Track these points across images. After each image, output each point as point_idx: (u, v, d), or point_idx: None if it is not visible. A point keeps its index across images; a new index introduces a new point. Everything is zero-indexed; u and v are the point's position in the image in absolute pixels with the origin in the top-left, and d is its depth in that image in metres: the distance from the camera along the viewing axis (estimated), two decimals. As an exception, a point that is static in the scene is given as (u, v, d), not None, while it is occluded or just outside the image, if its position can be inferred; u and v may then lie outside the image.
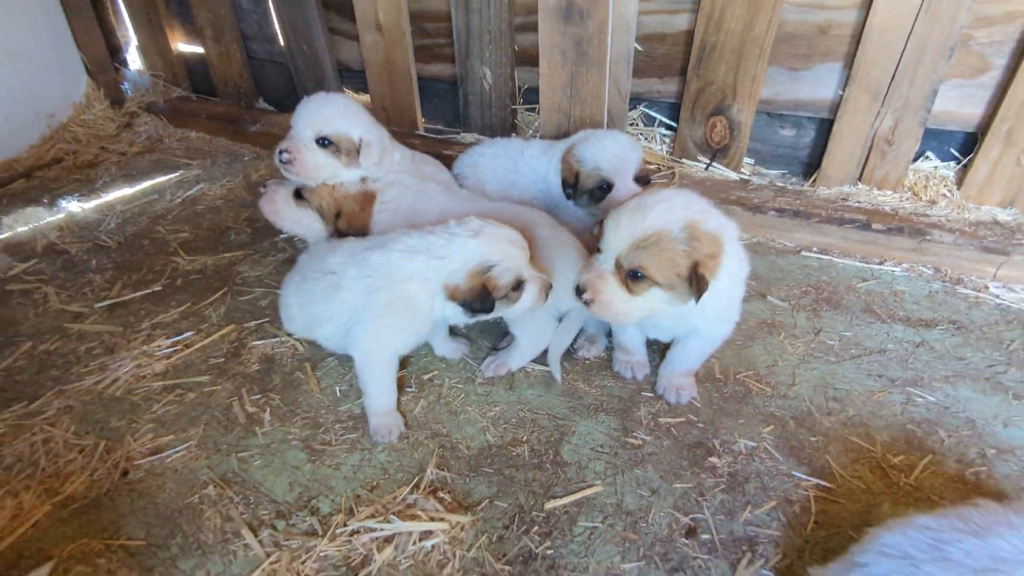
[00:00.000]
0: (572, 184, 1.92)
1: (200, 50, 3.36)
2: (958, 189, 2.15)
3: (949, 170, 2.19)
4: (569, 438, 1.47)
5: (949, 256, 1.98)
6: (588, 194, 1.91)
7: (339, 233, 1.83)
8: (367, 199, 1.84)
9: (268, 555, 1.21)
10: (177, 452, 1.44)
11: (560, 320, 1.66)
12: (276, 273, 2.09)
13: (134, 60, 3.59)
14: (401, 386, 1.62)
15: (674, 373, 1.59)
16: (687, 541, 1.23)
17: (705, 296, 1.29)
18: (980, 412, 1.51)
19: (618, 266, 1.33)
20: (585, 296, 1.36)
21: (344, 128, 1.80)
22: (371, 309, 1.44)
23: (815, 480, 1.35)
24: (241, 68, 3.25)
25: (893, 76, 2.03)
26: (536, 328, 1.64)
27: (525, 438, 1.47)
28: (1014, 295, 1.89)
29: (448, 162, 2.27)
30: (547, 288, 1.46)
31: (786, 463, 1.39)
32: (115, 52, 3.45)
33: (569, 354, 1.72)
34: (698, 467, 1.39)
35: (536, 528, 1.26)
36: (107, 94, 3.29)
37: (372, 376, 1.49)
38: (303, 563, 1.20)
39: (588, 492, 1.33)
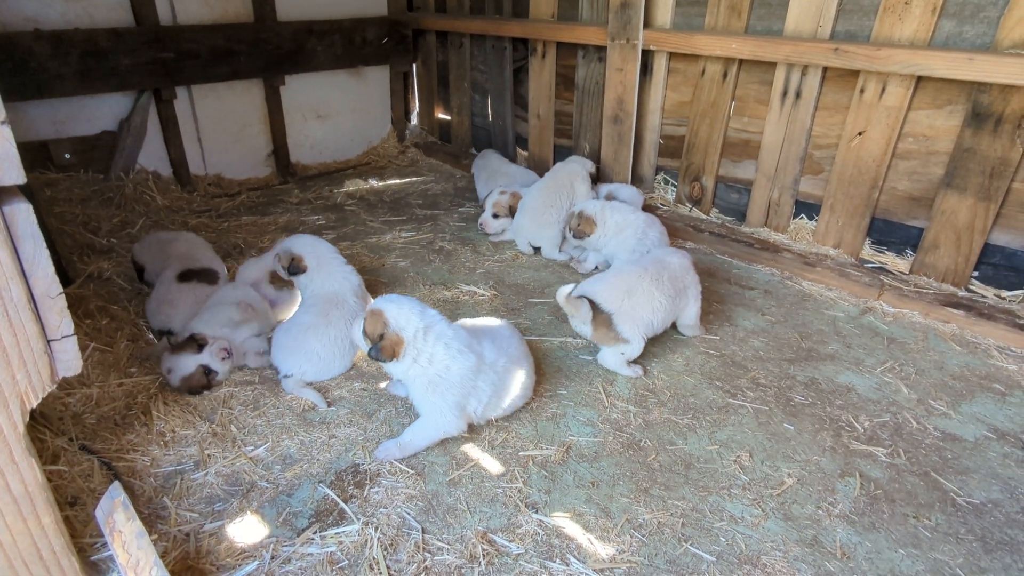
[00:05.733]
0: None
1: (448, 118, 6.04)
2: (813, 236, 3.79)
3: (812, 224, 3.84)
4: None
5: (787, 264, 3.66)
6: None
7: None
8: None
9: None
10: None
11: None
12: (456, 216, 4.46)
13: (413, 119, 6.43)
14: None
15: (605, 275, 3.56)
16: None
17: (598, 239, 3.33)
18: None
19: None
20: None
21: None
22: None
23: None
24: (467, 130, 5.84)
25: (776, 169, 3.81)
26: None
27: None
28: (817, 288, 3.51)
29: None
30: None
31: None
32: (407, 114, 6.31)
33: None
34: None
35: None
36: (397, 135, 6.10)
37: None
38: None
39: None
